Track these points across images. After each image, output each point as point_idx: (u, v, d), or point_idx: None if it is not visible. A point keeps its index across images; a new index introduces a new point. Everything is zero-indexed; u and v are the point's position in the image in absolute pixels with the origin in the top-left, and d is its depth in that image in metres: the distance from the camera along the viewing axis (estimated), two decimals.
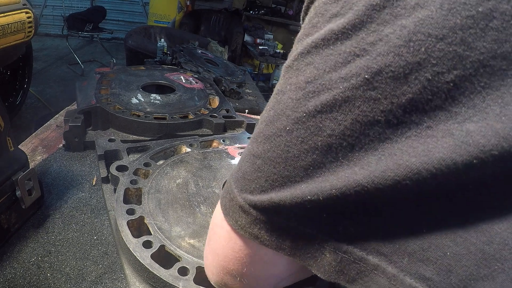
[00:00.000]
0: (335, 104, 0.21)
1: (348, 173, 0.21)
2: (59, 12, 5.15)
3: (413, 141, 0.20)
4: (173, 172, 0.70)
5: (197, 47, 1.73)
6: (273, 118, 0.25)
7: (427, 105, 0.19)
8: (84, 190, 0.74)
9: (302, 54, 0.24)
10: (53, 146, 0.89)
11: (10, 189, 0.58)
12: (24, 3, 0.54)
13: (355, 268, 0.23)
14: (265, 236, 0.26)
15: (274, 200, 0.24)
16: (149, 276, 0.49)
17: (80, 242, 0.61)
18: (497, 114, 0.18)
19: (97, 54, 4.83)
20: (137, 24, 4.81)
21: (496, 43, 0.18)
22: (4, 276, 0.53)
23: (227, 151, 0.81)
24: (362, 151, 0.21)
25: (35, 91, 3.29)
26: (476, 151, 0.18)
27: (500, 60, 0.18)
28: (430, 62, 0.19)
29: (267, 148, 0.25)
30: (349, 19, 0.21)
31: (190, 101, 1.05)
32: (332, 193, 0.22)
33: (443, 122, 0.19)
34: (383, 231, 0.22)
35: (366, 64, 0.20)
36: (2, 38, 0.50)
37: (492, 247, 0.20)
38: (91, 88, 1.04)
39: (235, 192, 0.27)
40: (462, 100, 0.19)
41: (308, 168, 0.23)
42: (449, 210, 0.21)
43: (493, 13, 0.18)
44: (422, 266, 0.21)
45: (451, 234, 0.21)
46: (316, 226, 0.24)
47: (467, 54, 0.18)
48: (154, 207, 0.60)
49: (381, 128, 0.20)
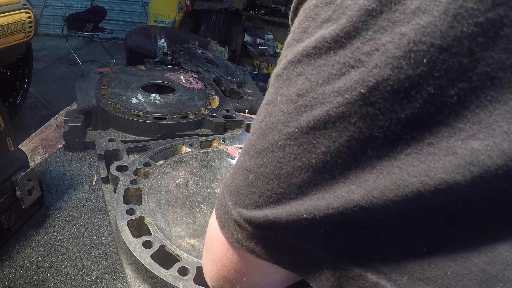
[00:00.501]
0: (329, 120, 0.20)
1: (345, 191, 0.20)
2: (59, 12, 5.15)
3: (413, 159, 0.19)
4: (173, 172, 0.70)
5: (197, 47, 1.73)
6: (265, 131, 0.24)
7: (429, 120, 0.18)
8: (84, 190, 0.74)
9: (293, 62, 0.22)
10: (53, 146, 0.89)
11: (10, 189, 0.57)
12: (24, 3, 0.54)
13: (353, 285, 0.23)
14: (262, 250, 0.26)
15: (269, 217, 0.23)
16: (149, 276, 0.49)
17: (80, 242, 0.61)
18: (504, 131, 0.17)
19: (97, 54, 4.83)
20: (137, 24, 4.80)
21: (505, 53, 0.16)
22: (4, 276, 0.53)
23: (227, 151, 0.81)
24: (359, 169, 0.20)
25: (35, 91, 3.29)
26: (480, 171, 0.17)
27: (509, 71, 0.17)
28: (433, 75, 0.17)
29: (260, 163, 0.24)
30: (342, 25, 0.19)
31: (190, 101, 1.05)
32: (328, 212, 0.21)
33: (445, 139, 0.18)
34: (381, 249, 0.22)
35: (362, 77, 0.19)
36: (2, 38, 0.50)
37: (494, 267, 0.19)
38: (91, 88, 1.04)
39: (229, 205, 0.26)
40: (467, 115, 0.17)
41: (303, 185, 0.22)
42: (450, 229, 0.20)
43: (504, 20, 0.16)
44: (421, 285, 0.20)
45: (452, 253, 0.20)
46: (313, 243, 0.24)
47: (473, 66, 0.17)
48: (154, 207, 0.60)
49: (379, 145, 0.19)
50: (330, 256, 0.23)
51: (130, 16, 5.61)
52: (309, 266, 0.25)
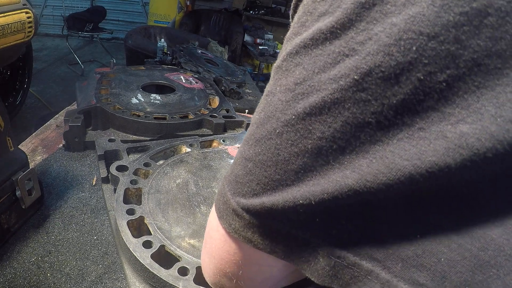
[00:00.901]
0: (325, 106, 0.21)
1: (339, 176, 0.21)
2: (59, 12, 5.15)
3: (405, 143, 0.19)
4: (173, 172, 0.70)
5: (197, 47, 1.73)
6: (264, 120, 0.24)
7: (419, 106, 0.19)
8: (84, 190, 0.74)
9: (291, 54, 0.23)
10: (53, 146, 0.89)
11: (10, 189, 0.58)
12: (24, 3, 0.54)
13: (348, 273, 0.23)
14: (259, 239, 0.26)
15: (266, 205, 0.24)
16: (149, 276, 0.49)
17: (80, 242, 0.61)
18: (492, 115, 0.18)
19: (97, 54, 4.83)
20: (137, 24, 4.80)
21: (491, 41, 0.17)
22: (4, 276, 0.53)
23: (227, 151, 0.81)
24: (353, 154, 0.21)
25: (35, 91, 3.29)
26: (470, 154, 0.18)
27: (495, 58, 0.17)
28: (422, 61, 0.18)
29: (258, 151, 0.24)
30: (337, 17, 0.20)
31: (190, 101, 1.05)
32: (323, 198, 0.21)
33: (435, 124, 0.19)
34: (376, 236, 0.22)
35: (355, 65, 0.20)
36: (2, 38, 0.50)
37: (487, 253, 0.19)
38: (91, 88, 1.04)
39: (228, 195, 0.27)
40: (456, 101, 0.18)
41: (299, 171, 0.22)
42: (443, 215, 0.20)
43: (488, 9, 0.17)
44: (416, 272, 0.21)
45: (446, 240, 0.20)
46: (309, 231, 0.24)
47: (460, 53, 0.18)
48: (154, 207, 0.60)
49: (372, 130, 0.20)
50: (325, 245, 0.24)
51: (130, 16, 5.61)
52: (304, 256, 0.25)
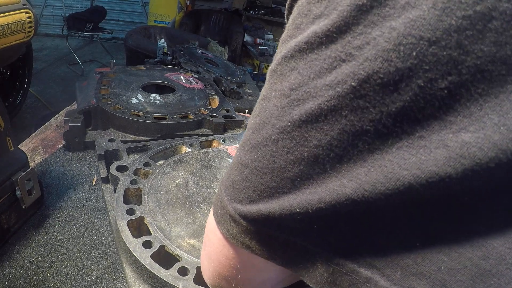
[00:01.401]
0: (321, 114, 0.20)
1: (337, 185, 0.21)
2: (59, 12, 5.15)
3: (404, 152, 0.19)
4: (173, 172, 0.70)
5: (197, 47, 1.73)
6: (259, 126, 0.24)
7: (420, 113, 0.18)
8: (84, 190, 0.74)
9: (286, 58, 0.22)
10: (53, 146, 0.89)
11: (10, 189, 0.58)
12: (24, 3, 0.54)
13: (347, 280, 0.23)
14: (256, 246, 0.26)
15: (263, 212, 0.24)
16: (149, 276, 0.49)
17: (80, 242, 0.61)
18: (495, 123, 0.17)
19: (97, 54, 4.83)
20: (137, 24, 4.80)
21: (495, 46, 0.16)
22: (4, 276, 0.53)
23: (227, 151, 0.81)
24: (351, 163, 0.20)
25: (35, 91, 3.29)
26: (471, 163, 0.17)
27: (499, 64, 0.16)
28: (422, 67, 0.17)
29: (254, 157, 0.24)
30: (333, 20, 0.20)
31: (190, 101, 1.05)
32: (321, 206, 0.21)
33: (436, 132, 0.18)
34: (375, 244, 0.22)
35: (353, 70, 0.19)
36: (2, 38, 0.50)
37: (488, 262, 0.19)
38: (91, 88, 1.04)
39: (225, 200, 0.27)
40: (458, 109, 0.17)
41: (296, 179, 0.22)
42: (443, 223, 0.20)
43: (492, 13, 0.16)
44: (415, 280, 0.20)
45: (446, 248, 0.20)
46: (306, 238, 0.24)
47: (462, 59, 0.17)
48: (154, 207, 0.60)
49: (370, 138, 0.19)
50: (323, 252, 0.23)
51: (130, 16, 5.61)
52: (302, 262, 0.25)
